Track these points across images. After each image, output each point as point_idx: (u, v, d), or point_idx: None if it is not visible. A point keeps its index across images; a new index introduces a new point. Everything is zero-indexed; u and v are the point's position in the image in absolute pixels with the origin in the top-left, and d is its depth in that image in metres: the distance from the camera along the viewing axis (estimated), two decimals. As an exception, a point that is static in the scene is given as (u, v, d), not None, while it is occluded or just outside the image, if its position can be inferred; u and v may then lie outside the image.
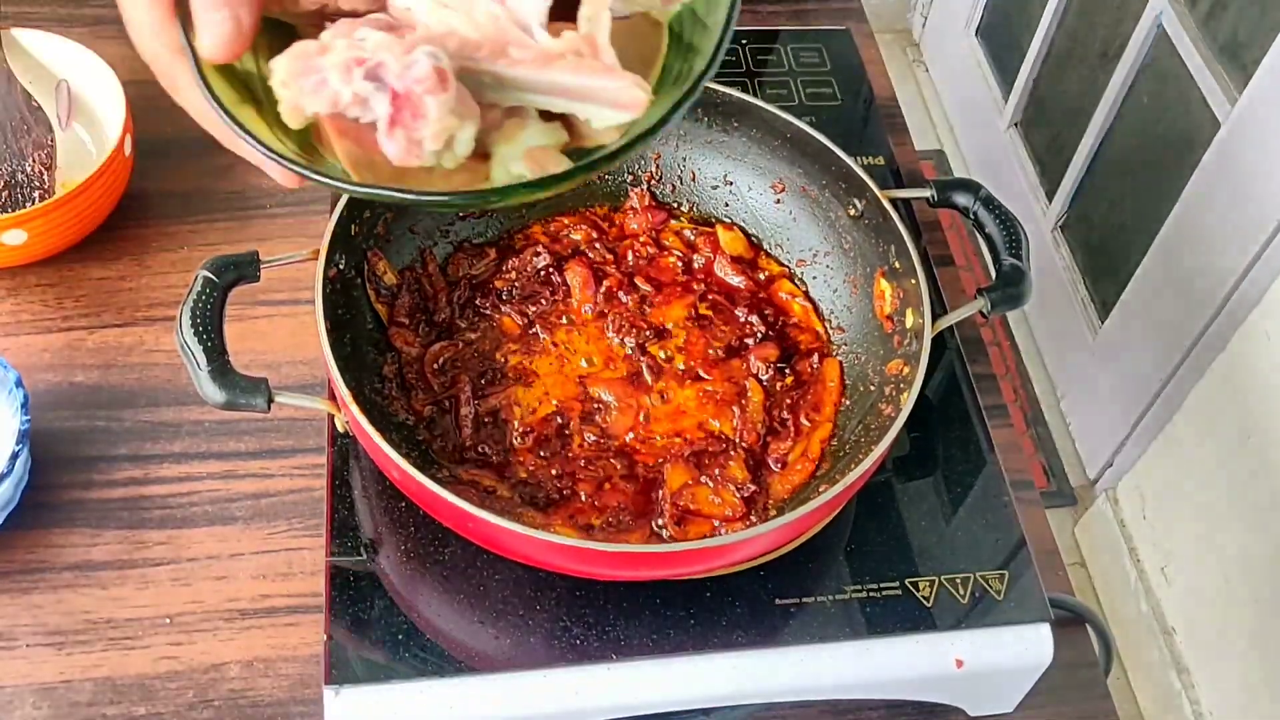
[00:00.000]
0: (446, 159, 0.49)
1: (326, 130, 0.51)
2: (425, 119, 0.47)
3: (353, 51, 0.48)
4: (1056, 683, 0.73)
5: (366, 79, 0.48)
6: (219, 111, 0.50)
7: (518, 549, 0.63)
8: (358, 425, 0.63)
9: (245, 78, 0.52)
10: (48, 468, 0.76)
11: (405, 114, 0.47)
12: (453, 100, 0.47)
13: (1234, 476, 1.44)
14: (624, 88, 0.49)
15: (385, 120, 0.48)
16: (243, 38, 0.50)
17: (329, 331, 0.65)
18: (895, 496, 0.74)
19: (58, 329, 0.82)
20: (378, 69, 0.48)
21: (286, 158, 0.49)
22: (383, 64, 0.47)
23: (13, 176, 0.83)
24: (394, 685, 0.64)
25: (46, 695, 0.68)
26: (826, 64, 0.97)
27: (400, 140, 0.48)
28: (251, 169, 0.91)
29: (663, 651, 0.66)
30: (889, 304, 0.74)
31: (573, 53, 0.49)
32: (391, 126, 0.48)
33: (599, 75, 0.49)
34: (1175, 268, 1.59)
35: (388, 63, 0.47)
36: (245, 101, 0.51)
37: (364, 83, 0.48)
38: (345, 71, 0.48)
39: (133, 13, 0.51)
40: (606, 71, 0.49)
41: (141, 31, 0.51)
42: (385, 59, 0.47)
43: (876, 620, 0.68)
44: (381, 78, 0.48)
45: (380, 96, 0.48)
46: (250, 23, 0.50)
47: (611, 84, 0.49)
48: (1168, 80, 1.65)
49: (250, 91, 0.52)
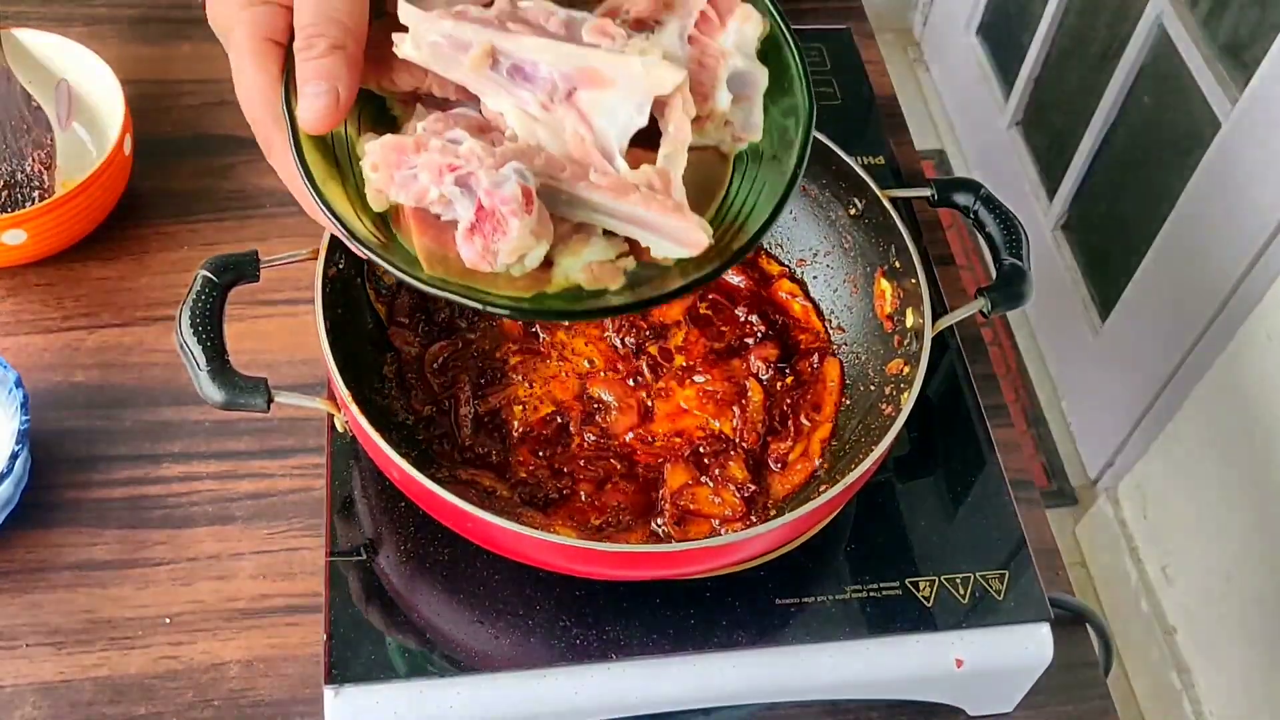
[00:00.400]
0: (515, 268, 0.52)
1: (406, 216, 0.53)
2: (506, 236, 0.50)
3: (447, 157, 0.51)
4: (1057, 682, 0.73)
5: (456, 184, 0.51)
6: (308, 186, 0.52)
7: (517, 549, 0.63)
8: (358, 425, 0.63)
9: (334, 141, 0.55)
10: (48, 468, 0.76)
11: (487, 226, 0.51)
12: (534, 223, 0.50)
13: (1235, 476, 1.44)
14: (689, 229, 0.52)
15: (466, 225, 0.51)
16: (340, 111, 0.52)
17: (329, 331, 0.65)
18: (895, 496, 0.73)
19: (57, 329, 0.82)
20: (468, 178, 0.51)
21: (365, 243, 0.52)
22: (474, 174, 0.50)
23: (12, 176, 0.83)
24: (394, 685, 0.63)
25: (47, 695, 0.68)
26: (827, 63, 0.97)
27: (477, 247, 0.51)
28: (252, 169, 0.92)
29: (663, 651, 0.66)
30: (889, 303, 0.74)
31: (647, 185, 0.52)
32: (471, 233, 0.51)
33: (669, 213, 0.52)
34: (1176, 267, 1.59)
35: (479, 174, 0.50)
36: (332, 178, 0.53)
37: (453, 187, 0.51)
38: (437, 173, 0.51)
39: (242, 76, 0.54)
40: (676, 210, 0.52)
41: (249, 94, 0.54)
42: (476, 170, 0.50)
43: (877, 620, 0.68)
44: (470, 186, 0.51)
45: (465, 202, 0.51)
46: (348, 97, 0.52)
47: (679, 224, 0.52)
48: (1168, 80, 1.65)
49: (334, 155, 0.55)
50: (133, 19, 1.00)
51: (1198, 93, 1.56)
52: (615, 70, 0.53)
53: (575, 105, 0.53)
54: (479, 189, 0.50)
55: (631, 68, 0.53)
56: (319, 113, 0.52)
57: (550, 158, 0.52)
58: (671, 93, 0.53)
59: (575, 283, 0.53)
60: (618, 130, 0.53)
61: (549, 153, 0.53)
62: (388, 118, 0.58)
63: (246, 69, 0.53)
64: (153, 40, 0.99)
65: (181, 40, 0.99)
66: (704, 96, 0.56)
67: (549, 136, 0.53)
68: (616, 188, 0.52)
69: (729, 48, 0.57)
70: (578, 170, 0.52)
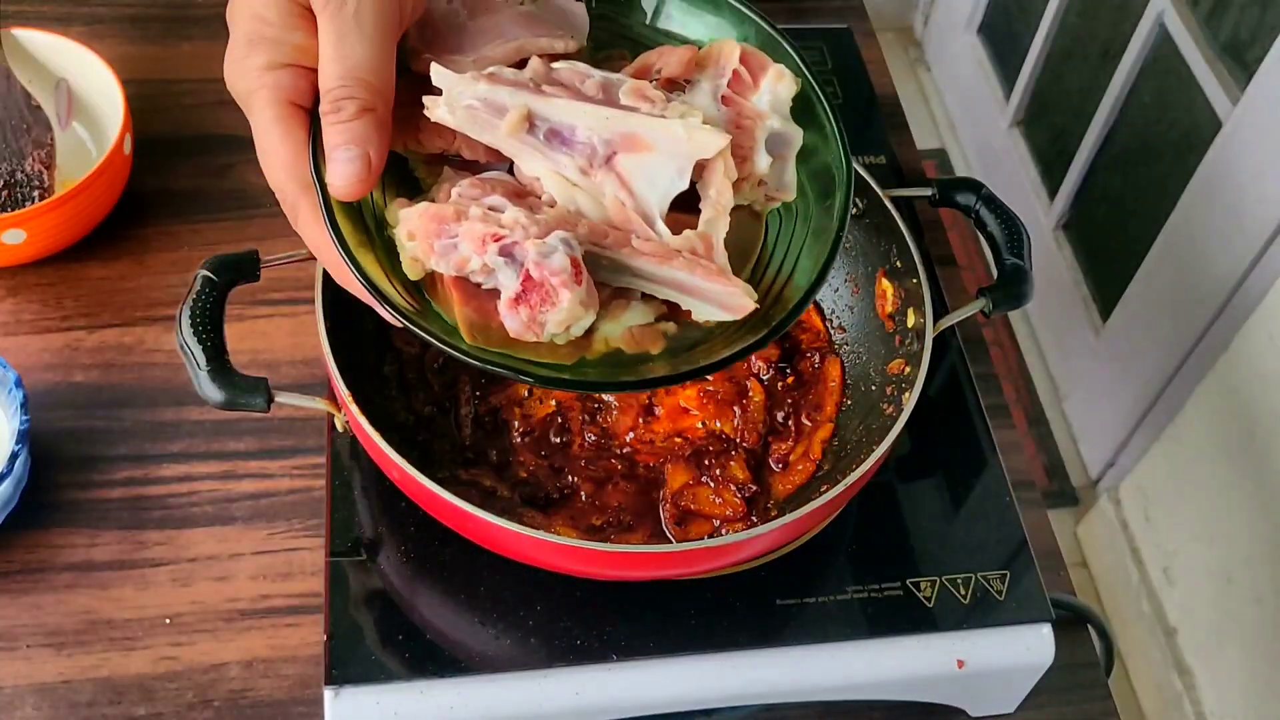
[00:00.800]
0: (559, 337, 0.51)
1: (445, 285, 0.52)
2: (556, 307, 0.49)
3: (489, 226, 0.50)
4: (1058, 683, 0.73)
5: (500, 254, 0.50)
6: (343, 255, 0.51)
7: (518, 549, 0.63)
8: (358, 425, 0.63)
9: (361, 205, 0.54)
10: (47, 468, 0.76)
11: (535, 296, 0.50)
12: (584, 294, 0.50)
13: (1236, 476, 1.44)
14: (734, 294, 0.52)
15: (511, 295, 0.50)
16: (373, 176, 0.51)
17: (329, 331, 0.65)
18: (897, 497, 0.73)
19: (57, 329, 0.82)
20: (513, 247, 0.50)
21: (402, 313, 0.51)
22: (519, 244, 0.50)
23: (12, 176, 0.83)
24: (394, 685, 0.63)
25: (46, 695, 0.68)
26: (827, 62, 0.97)
27: (523, 317, 0.50)
28: (252, 169, 0.92)
29: (663, 652, 0.66)
30: (890, 303, 0.74)
31: (690, 250, 0.52)
32: (516, 303, 0.50)
33: (714, 279, 0.52)
34: (1177, 267, 1.59)
35: (524, 244, 0.49)
36: (363, 244, 0.52)
37: (497, 257, 0.50)
38: (479, 242, 0.50)
39: (267, 144, 0.52)
40: (720, 275, 0.52)
41: (273, 163, 0.52)
42: (521, 239, 0.50)
43: (878, 620, 0.68)
44: (515, 256, 0.50)
45: (509, 272, 0.50)
46: (379, 161, 0.51)
47: (724, 289, 0.52)
48: (1169, 79, 1.65)
49: (364, 220, 0.54)
50: (133, 19, 1.00)
51: (1199, 92, 1.56)
52: (656, 135, 0.52)
53: (615, 170, 0.52)
54: (526, 259, 0.49)
55: (673, 132, 0.52)
56: (350, 178, 0.50)
57: (592, 225, 0.52)
58: (713, 156, 0.53)
59: (616, 348, 0.53)
60: (659, 195, 0.52)
61: (592, 220, 0.52)
62: (409, 179, 0.57)
63: (271, 135, 0.51)
64: (153, 40, 0.99)
65: (181, 40, 0.99)
66: (743, 158, 0.55)
67: (588, 202, 0.52)
68: (660, 253, 0.51)
69: (765, 109, 0.56)
70: (620, 236, 0.52)
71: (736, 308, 0.52)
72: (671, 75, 0.57)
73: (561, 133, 0.52)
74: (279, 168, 0.52)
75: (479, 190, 0.52)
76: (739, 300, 0.52)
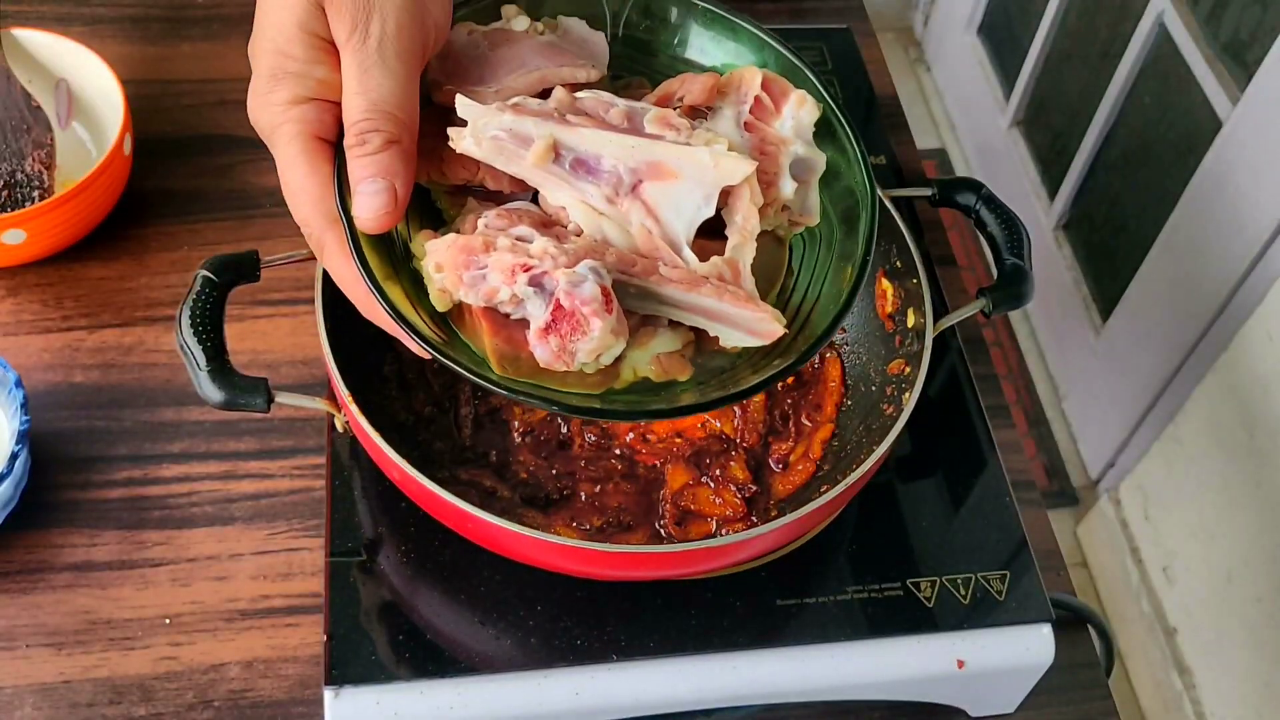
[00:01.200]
0: (589, 366, 0.51)
1: (474, 316, 0.53)
2: (587, 337, 0.49)
3: (518, 256, 0.50)
4: (1058, 683, 0.73)
5: (529, 284, 0.50)
6: (372, 289, 0.51)
7: (518, 550, 0.63)
8: (358, 425, 0.63)
9: (386, 239, 0.54)
10: (47, 468, 0.76)
11: (565, 326, 0.50)
12: (615, 322, 0.50)
13: (1236, 476, 1.44)
14: (763, 320, 0.52)
15: (541, 325, 0.50)
16: (400, 208, 0.51)
17: (329, 332, 0.65)
18: (897, 497, 0.73)
19: (57, 329, 0.82)
20: (542, 277, 0.50)
21: (431, 344, 0.51)
22: (548, 274, 0.49)
23: (12, 176, 0.83)
24: (394, 686, 0.63)
25: (46, 696, 0.68)
26: (827, 63, 0.97)
27: (553, 346, 0.50)
28: (251, 169, 0.92)
29: (663, 652, 0.66)
30: (890, 303, 0.74)
31: (717, 276, 0.52)
32: (546, 333, 0.50)
33: (741, 305, 0.52)
34: (1177, 267, 1.59)
35: (554, 274, 0.49)
36: (389, 276, 0.52)
37: (526, 287, 0.50)
38: (509, 273, 0.50)
39: (292, 178, 0.52)
40: (748, 301, 0.52)
41: (299, 198, 0.52)
42: (551, 269, 0.50)
43: (878, 621, 0.68)
44: (544, 286, 0.50)
45: (539, 301, 0.50)
46: (405, 193, 0.51)
47: (753, 315, 0.52)
48: (1169, 79, 1.65)
49: (389, 253, 0.54)
50: (133, 19, 1.00)
51: (1199, 92, 1.56)
52: (682, 162, 0.52)
53: (641, 198, 0.52)
54: (556, 289, 0.49)
55: (699, 159, 0.52)
56: (377, 211, 0.50)
57: (620, 253, 0.52)
58: (739, 183, 0.53)
59: (644, 375, 0.53)
60: (685, 223, 0.52)
61: (619, 249, 0.52)
62: (431, 210, 0.57)
63: (296, 169, 0.51)
64: (153, 40, 0.99)
65: (181, 40, 0.99)
66: (768, 184, 0.55)
67: (615, 230, 0.53)
68: (688, 281, 0.51)
69: (788, 134, 0.56)
70: (647, 264, 0.52)
71: (765, 333, 0.52)
72: (694, 103, 0.57)
73: (587, 162, 0.52)
74: (305, 202, 0.52)
75: (506, 221, 0.52)
76: (768, 325, 0.52)
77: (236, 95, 0.96)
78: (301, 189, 0.52)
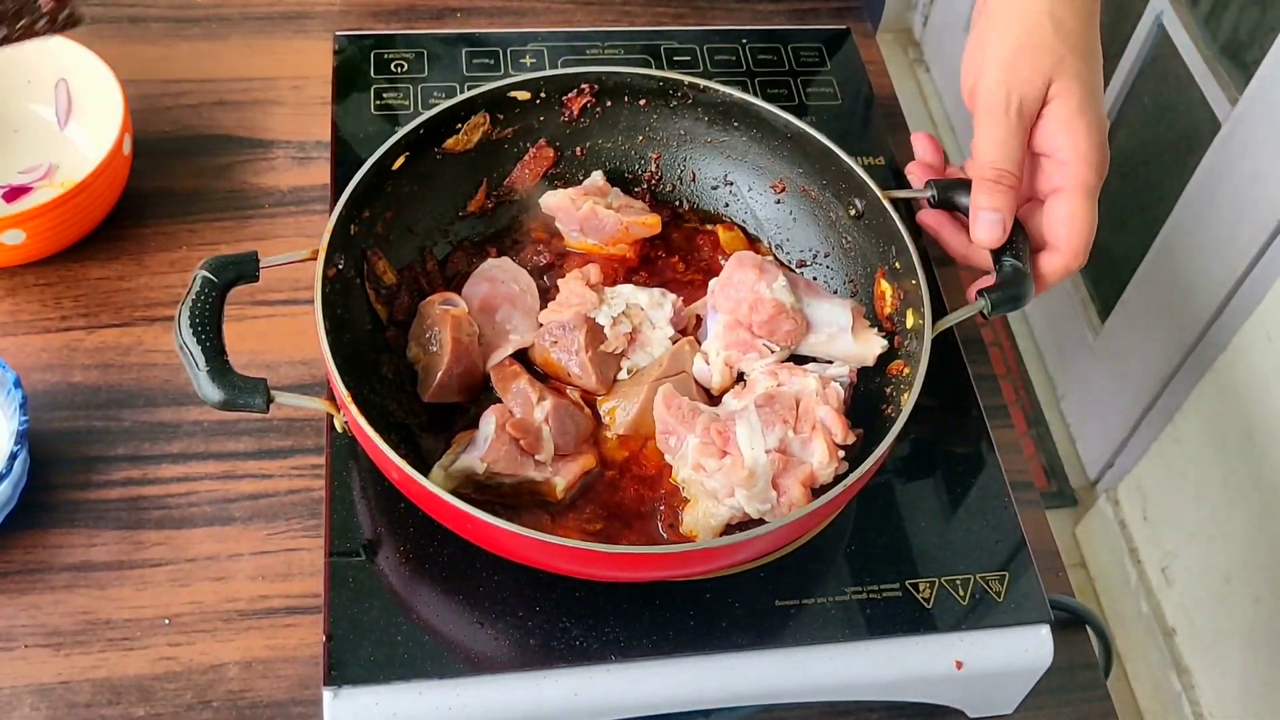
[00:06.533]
0: None
1: None
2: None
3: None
4: (1056, 684, 0.73)
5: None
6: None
7: (517, 550, 0.63)
8: (357, 425, 0.63)
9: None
10: (46, 468, 0.76)
11: None
12: None
13: (1235, 477, 1.44)
14: None
15: None
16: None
17: (328, 331, 0.65)
18: (895, 497, 0.73)
19: (56, 329, 0.82)
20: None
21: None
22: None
23: None
24: (393, 686, 0.63)
25: (45, 696, 0.68)
26: (827, 63, 0.97)
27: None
28: (251, 169, 0.92)
29: (663, 653, 0.66)
30: (889, 304, 0.74)
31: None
32: None
33: None
34: (1176, 268, 1.59)
35: None
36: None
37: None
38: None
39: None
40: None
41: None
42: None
43: (876, 621, 0.68)
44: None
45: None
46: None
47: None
48: (1168, 80, 1.65)
49: None
50: (133, 19, 1.00)
51: (1198, 93, 1.56)
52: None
53: None
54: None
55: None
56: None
57: None
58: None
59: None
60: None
61: None
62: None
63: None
64: (153, 40, 0.99)
65: (181, 40, 0.99)
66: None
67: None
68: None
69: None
70: None
71: None
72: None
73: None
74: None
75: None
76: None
77: (236, 95, 0.97)
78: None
